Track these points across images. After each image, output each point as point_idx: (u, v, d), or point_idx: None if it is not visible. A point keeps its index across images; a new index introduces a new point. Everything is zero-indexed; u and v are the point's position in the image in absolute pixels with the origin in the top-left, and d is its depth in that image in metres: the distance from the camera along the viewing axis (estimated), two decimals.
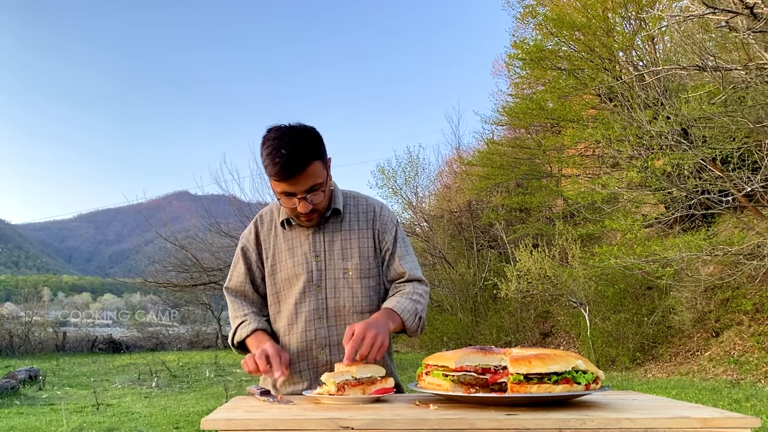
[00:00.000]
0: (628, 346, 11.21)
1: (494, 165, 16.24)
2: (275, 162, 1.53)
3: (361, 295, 1.69)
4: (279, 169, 1.53)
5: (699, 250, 8.79)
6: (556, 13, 12.37)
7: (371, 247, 1.73)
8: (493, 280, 13.63)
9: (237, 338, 1.71)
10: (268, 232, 1.78)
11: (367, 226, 1.74)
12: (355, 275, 1.69)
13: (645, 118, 8.95)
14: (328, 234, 1.72)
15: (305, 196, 1.59)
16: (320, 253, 1.70)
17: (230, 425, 1.09)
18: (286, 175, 1.54)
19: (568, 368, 1.16)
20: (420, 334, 1.71)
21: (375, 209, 1.77)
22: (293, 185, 1.57)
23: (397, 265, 1.74)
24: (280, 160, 1.53)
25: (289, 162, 1.53)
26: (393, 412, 1.15)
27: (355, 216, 1.75)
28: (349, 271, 1.69)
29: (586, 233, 12.67)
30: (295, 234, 1.74)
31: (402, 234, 1.79)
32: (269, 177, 1.59)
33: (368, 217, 1.75)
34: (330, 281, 1.69)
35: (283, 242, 1.75)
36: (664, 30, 10.41)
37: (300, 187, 1.58)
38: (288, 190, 1.58)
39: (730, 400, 6.85)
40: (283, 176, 1.55)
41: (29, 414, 7.77)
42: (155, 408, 8.08)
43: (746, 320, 9.83)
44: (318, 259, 1.70)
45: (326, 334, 1.68)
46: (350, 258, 1.70)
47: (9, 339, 18.99)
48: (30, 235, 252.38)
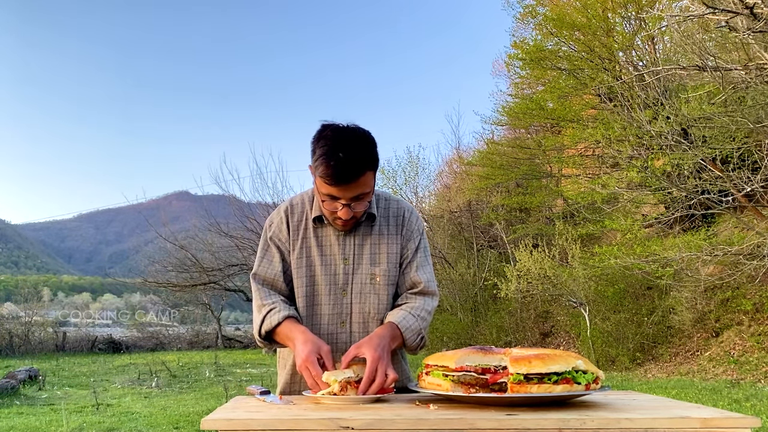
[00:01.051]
0: (628, 346, 11.21)
1: (494, 165, 16.25)
2: (329, 165, 1.48)
3: (386, 302, 1.66)
4: (332, 172, 1.48)
5: (699, 250, 8.79)
6: (556, 13, 12.37)
7: (397, 254, 1.69)
8: (493, 280, 13.62)
9: (266, 327, 1.59)
10: (298, 223, 1.70)
11: (396, 231, 1.70)
12: (382, 282, 1.66)
13: (645, 118, 8.95)
14: (358, 237, 1.68)
15: (350, 203, 1.54)
16: (349, 256, 1.66)
17: (230, 425, 1.09)
18: (338, 180, 1.49)
19: (568, 368, 1.16)
20: (418, 352, 1.67)
21: (405, 214, 1.73)
22: (342, 191, 1.52)
23: (413, 274, 1.69)
24: (335, 164, 1.47)
25: (344, 168, 1.48)
26: (393, 412, 1.15)
27: (385, 220, 1.71)
28: (376, 277, 1.66)
29: (586, 233, 12.67)
30: (326, 233, 1.68)
31: (425, 244, 1.75)
32: (318, 177, 1.53)
33: (398, 222, 1.72)
34: (356, 286, 1.65)
35: (313, 238, 1.68)
36: (664, 30, 10.42)
37: (348, 194, 1.53)
38: (335, 194, 1.53)
39: (730, 400, 6.85)
40: (334, 181, 1.49)
41: (29, 414, 7.77)
42: (155, 408, 8.08)
43: (746, 320, 9.84)
44: (346, 262, 1.66)
45: (347, 339, 1.65)
46: (378, 264, 1.66)
47: (9, 339, 18.99)
48: (30, 235, 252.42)
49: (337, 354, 1.61)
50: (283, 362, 1.75)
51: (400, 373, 1.66)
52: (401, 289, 1.71)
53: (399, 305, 1.67)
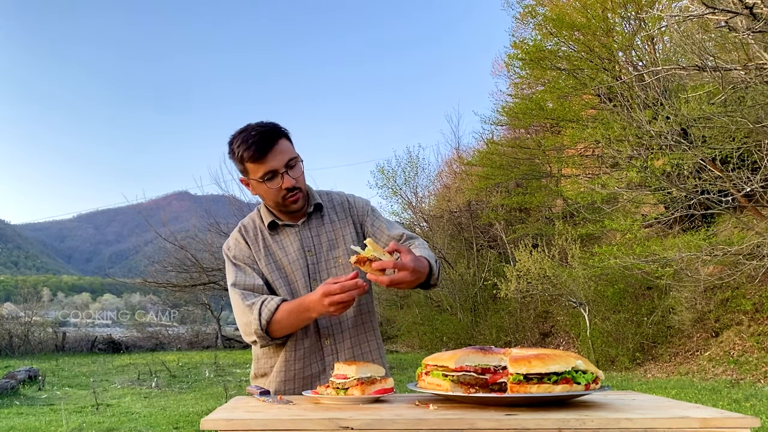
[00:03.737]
0: (627, 346, 11.21)
1: (494, 165, 16.25)
2: (249, 144, 1.64)
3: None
4: (255, 146, 1.64)
5: (699, 250, 8.80)
6: (556, 13, 12.38)
7: (353, 233, 1.81)
8: (493, 280, 13.62)
9: (266, 316, 1.61)
10: (255, 237, 1.78)
11: (345, 215, 1.84)
12: (345, 260, 1.76)
13: (644, 118, 8.96)
14: (313, 230, 1.79)
15: (286, 170, 1.67)
16: (311, 247, 1.77)
17: (230, 425, 1.09)
18: (263, 148, 1.64)
19: (568, 368, 1.16)
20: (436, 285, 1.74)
21: (348, 200, 1.88)
22: (272, 160, 1.65)
23: (388, 234, 1.80)
24: (253, 139, 1.64)
25: (262, 138, 1.65)
26: (393, 412, 1.15)
27: (332, 209, 1.84)
28: (338, 259, 1.77)
29: (586, 233, 12.67)
30: (283, 235, 1.78)
31: (379, 213, 1.89)
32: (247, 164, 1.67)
33: (344, 207, 1.85)
34: (324, 273, 1.75)
35: (274, 244, 1.77)
36: (664, 30, 10.42)
37: (278, 161, 1.66)
38: (269, 168, 1.66)
39: (730, 400, 6.86)
40: (260, 152, 1.64)
41: (29, 414, 7.77)
42: (155, 408, 8.08)
43: (746, 320, 9.84)
44: (310, 253, 1.76)
45: (327, 323, 1.73)
46: (337, 247, 1.78)
47: (9, 339, 19.00)
48: (30, 235, 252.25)
49: (322, 340, 1.72)
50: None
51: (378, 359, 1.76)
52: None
53: None
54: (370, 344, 1.78)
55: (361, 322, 1.77)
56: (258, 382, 1.77)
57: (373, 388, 1.38)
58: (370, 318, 1.80)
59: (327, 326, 1.73)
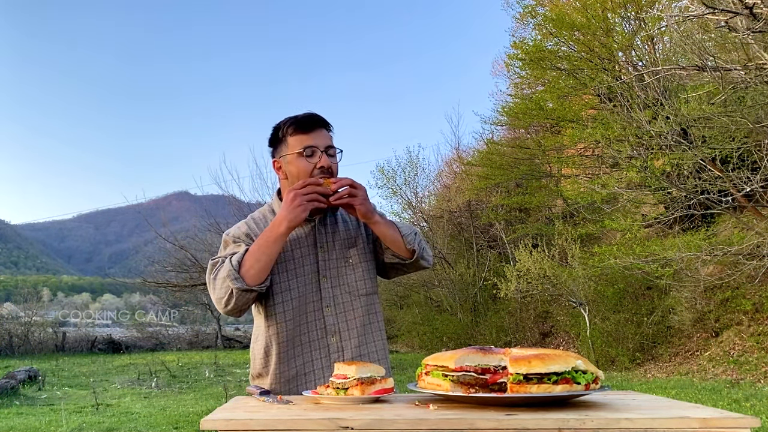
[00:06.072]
0: (627, 346, 11.21)
1: (494, 165, 16.25)
2: (297, 119, 1.69)
3: (363, 277, 1.77)
4: (303, 120, 1.68)
5: (698, 250, 8.80)
6: (556, 13, 12.36)
7: (364, 234, 1.81)
8: (493, 280, 13.63)
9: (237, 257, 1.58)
10: (264, 227, 1.73)
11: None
12: (355, 260, 1.76)
13: (644, 118, 8.95)
14: (329, 227, 1.78)
15: (325, 151, 1.69)
16: (323, 244, 1.76)
17: (230, 425, 1.09)
18: (309, 125, 1.68)
19: (568, 368, 1.16)
20: (423, 263, 1.78)
21: None
22: (315, 137, 1.68)
23: None
24: (302, 117, 1.69)
25: (310, 118, 1.70)
26: (393, 412, 1.15)
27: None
28: (350, 258, 1.77)
29: (586, 233, 12.67)
30: (297, 228, 1.73)
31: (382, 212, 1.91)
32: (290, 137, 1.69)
33: None
34: (333, 270, 1.74)
35: None
36: (664, 30, 10.42)
37: (320, 141, 1.69)
38: (310, 142, 1.68)
39: (730, 400, 6.86)
40: (306, 127, 1.68)
41: (29, 414, 7.77)
42: (155, 408, 8.09)
43: (746, 320, 9.84)
44: (322, 249, 1.75)
45: (335, 321, 1.72)
46: (353, 246, 1.78)
47: (8, 339, 19.00)
48: (29, 235, 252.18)
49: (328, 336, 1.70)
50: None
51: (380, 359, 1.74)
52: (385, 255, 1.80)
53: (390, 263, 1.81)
54: (376, 344, 1.77)
55: (369, 322, 1.77)
56: (258, 382, 1.75)
57: (373, 388, 1.38)
58: (377, 318, 1.80)
59: (334, 323, 1.72)
